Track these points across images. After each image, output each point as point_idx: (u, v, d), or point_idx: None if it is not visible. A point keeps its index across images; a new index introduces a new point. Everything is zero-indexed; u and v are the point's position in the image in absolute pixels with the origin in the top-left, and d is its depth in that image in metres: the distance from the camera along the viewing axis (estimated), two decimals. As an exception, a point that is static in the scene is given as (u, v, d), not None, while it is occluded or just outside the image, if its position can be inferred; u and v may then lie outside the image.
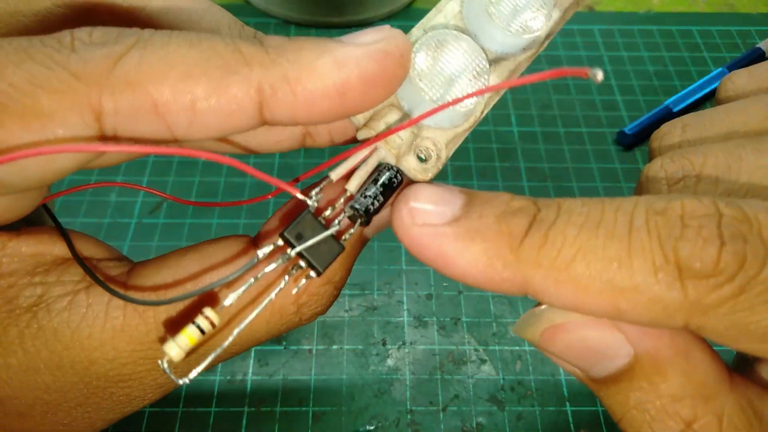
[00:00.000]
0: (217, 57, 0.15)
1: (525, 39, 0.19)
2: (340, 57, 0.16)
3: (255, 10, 0.58)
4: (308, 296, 0.18)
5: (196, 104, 0.15)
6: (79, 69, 0.14)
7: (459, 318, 0.40)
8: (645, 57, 0.57)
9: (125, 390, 0.18)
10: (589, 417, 0.36)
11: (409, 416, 0.36)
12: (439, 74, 0.18)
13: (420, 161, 0.18)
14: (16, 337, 0.17)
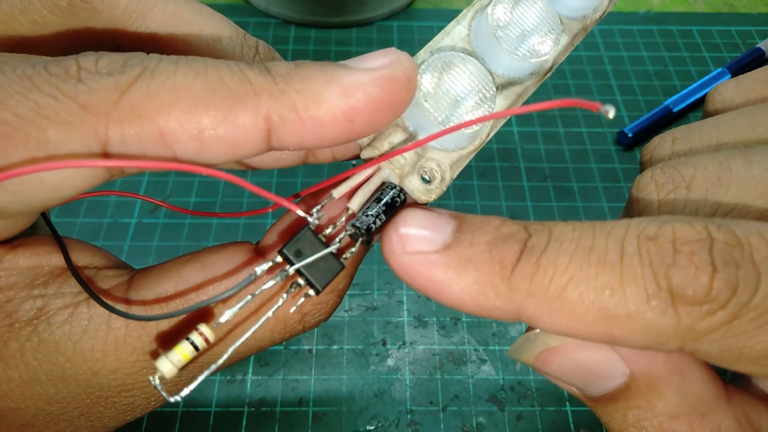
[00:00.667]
0: (224, 87, 0.15)
1: (532, 63, 0.19)
2: (347, 85, 0.16)
3: (255, 10, 0.58)
4: (312, 305, 0.18)
5: (204, 134, 0.15)
6: (86, 100, 0.14)
7: (459, 318, 0.40)
8: (645, 57, 0.56)
9: (128, 399, 0.18)
10: (589, 417, 0.36)
11: (409, 416, 0.36)
12: (445, 96, 0.18)
13: (424, 182, 0.18)
14: (17, 350, 0.17)
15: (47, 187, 0.15)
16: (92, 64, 0.15)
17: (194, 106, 0.15)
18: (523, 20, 0.19)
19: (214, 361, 0.17)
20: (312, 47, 0.56)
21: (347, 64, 0.16)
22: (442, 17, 0.60)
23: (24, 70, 0.15)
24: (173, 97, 0.15)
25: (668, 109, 0.50)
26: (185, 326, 0.18)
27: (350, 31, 0.57)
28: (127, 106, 0.14)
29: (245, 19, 0.56)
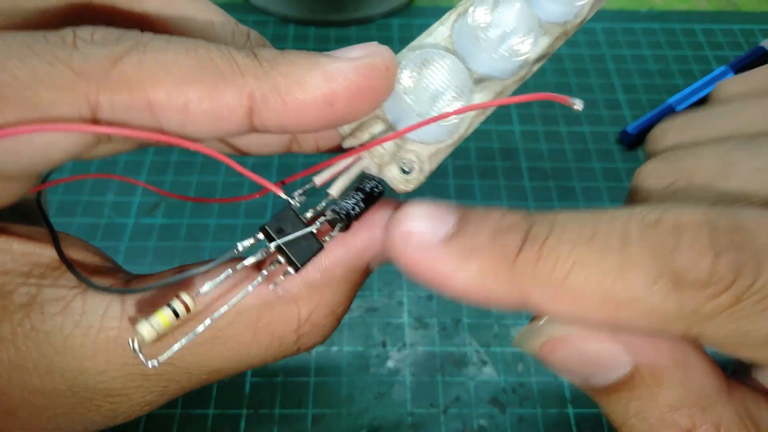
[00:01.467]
0: (212, 65, 0.16)
1: (513, 62, 0.19)
2: (329, 70, 0.16)
3: (254, 8, 0.58)
4: (310, 326, 0.18)
5: (189, 106, 0.16)
6: (79, 66, 0.15)
7: (460, 319, 0.39)
8: (647, 55, 0.56)
9: (112, 405, 0.18)
10: (591, 419, 0.35)
11: (409, 418, 0.35)
12: (424, 90, 0.19)
13: (403, 173, 0.19)
14: (8, 332, 0.17)
15: (36, 148, 0.15)
16: (88, 35, 0.16)
17: (182, 80, 0.16)
18: (502, 22, 0.19)
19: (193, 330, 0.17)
20: (311, 45, 0.55)
21: (331, 54, 0.17)
22: (442, 15, 0.59)
23: (23, 39, 0.15)
24: (163, 70, 0.16)
25: (671, 108, 0.50)
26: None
27: (349, 29, 0.57)
28: (118, 75, 0.15)
29: (244, 17, 0.56)
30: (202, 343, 0.18)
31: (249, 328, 0.18)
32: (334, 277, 0.18)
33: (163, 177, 0.45)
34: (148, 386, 0.18)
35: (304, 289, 0.18)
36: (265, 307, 0.18)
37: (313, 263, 0.18)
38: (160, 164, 0.46)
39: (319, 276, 0.18)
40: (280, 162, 0.47)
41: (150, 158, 0.46)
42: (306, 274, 0.18)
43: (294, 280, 0.18)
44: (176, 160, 0.46)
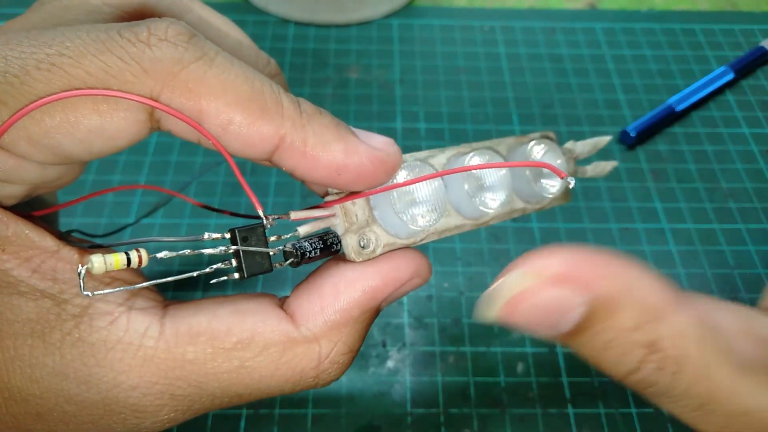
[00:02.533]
0: (262, 99, 0.18)
1: (479, 211, 0.23)
2: (350, 148, 0.19)
3: (254, 9, 0.58)
4: (329, 363, 0.20)
5: (230, 126, 0.18)
6: (150, 66, 0.17)
7: (460, 319, 0.39)
8: (647, 55, 0.56)
9: (138, 420, 0.19)
10: (592, 419, 0.35)
11: (409, 418, 0.35)
12: (409, 194, 0.22)
13: (359, 245, 0.21)
14: (58, 340, 0.18)
15: (107, 136, 0.18)
16: (162, 32, 0.18)
17: (234, 103, 0.18)
18: (486, 179, 0.23)
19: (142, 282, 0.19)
20: (311, 45, 0.55)
21: (356, 132, 0.20)
22: (443, 15, 0.59)
23: (98, 35, 0.17)
24: (222, 89, 0.18)
25: (671, 108, 0.50)
26: None
27: (350, 30, 0.57)
28: (182, 80, 0.17)
29: (244, 17, 0.56)
30: (228, 371, 0.19)
31: (272, 363, 0.19)
32: (351, 318, 0.20)
33: (164, 177, 0.45)
34: (174, 405, 0.19)
35: (325, 328, 0.20)
36: (288, 344, 0.19)
37: (333, 306, 0.20)
38: (160, 164, 0.46)
39: (339, 317, 0.20)
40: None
41: (150, 159, 0.46)
42: (327, 315, 0.20)
43: (316, 320, 0.20)
44: (176, 160, 0.46)
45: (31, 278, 0.18)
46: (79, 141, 0.17)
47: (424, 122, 0.50)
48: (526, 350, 0.38)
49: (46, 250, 0.18)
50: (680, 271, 0.42)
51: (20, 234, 0.18)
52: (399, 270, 0.21)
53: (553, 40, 0.57)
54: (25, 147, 0.17)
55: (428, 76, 0.53)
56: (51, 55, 0.17)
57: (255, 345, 0.19)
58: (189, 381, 0.19)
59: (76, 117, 0.17)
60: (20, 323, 0.18)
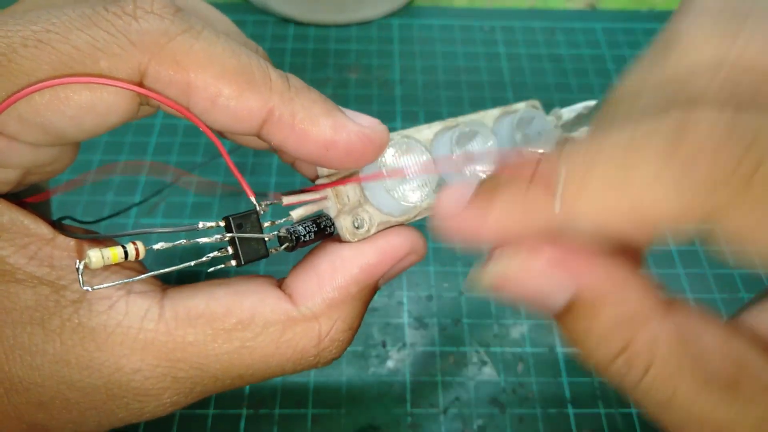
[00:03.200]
0: (250, 72, 0.18)
1: (466, 176, 0.23)
2: (339, 124, 0.19)
3: (254, 8, 0.58)
4: (329, 341, 0.20)
5: (218, 99, 0.18)
6: (137, 38, 0.17)
7: (460, 319, 0.39)
8: (647, 55, 0.56)
9: (140, 404, 0.19)
10: (592, 419, 0.35)
11: (409, 419, 0.35)
12: (398, 171, 0.22)
13: (353, 225, 0.21)
14: (57, 326, 0.18)
15: (98, 113, 0.17)
16: (148, 5, 0.18)
17: (221, 75, 0.18)
18: (474, 149, 0.24)
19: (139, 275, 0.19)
20: (311, 45, 0.55)
21: (344, 111, 0.20)
22: (442, 15, 0.59)
23: (83, 11, 0.17)
24: (208, 60, 0.18)
25: (671, 108, 0.50)
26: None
27: (350, 29, 0.57)
28: (169, 52, 0.17)
29: (244, 17, 0.56)
30: (229, 352, 0.19)
31: (273, 342, 0.19)
32: (349, 295, 0.20)
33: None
34: (176, 388, 0.19)
35: (324, 306, 0.20)
36: (288, 323, 0.19)
37: (331, 283, 0.20)
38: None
39: (337, 294, 0.20)
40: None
41: (150, 159, 0.46)
42: (325, 293, 0.20)
43: (315, 298, 0.20)
44: (176, 160, 0.46)
45: (28, 265, 0.18)
46: (70, 118, 0.17)
47: (425, 122, 0.50)
48: (527, 350, 0.38)
49: (41, 238, 0.18)
50: (680, 271, 0.42)
51: (16, 221, 0.18)
52: (395, 246, 0.21)
53: (553, 41, 0.57)
54: (16, 126, 0.17)
55: (428, 76, 0.54)
56: (37, 32, 0.16)
57: (255, 325, 0.19)
58: (190, 363, 0.19)
59: (66, 94, 0.17)
60: (18, 311, 0.18)
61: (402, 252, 0.21)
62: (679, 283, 0.41)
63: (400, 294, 0.40)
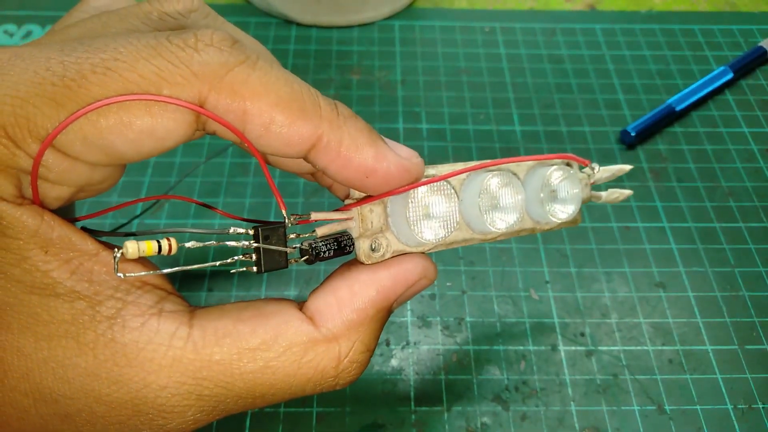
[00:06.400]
0: (302, 101, 0.19)
1: (487, 228, 0.24)
2: (380, 154, 0.21)
3: (256, 10, 0.58)
4: (349, 362, 0.21)
5: (272, 126, 0.19)
6: (198, 69, 0.18)
7: (463, 318, 0.39)
8: (647, 56, 0.56)
9: (164, 420, 0.19)
10: (594, 417, 0.36)
11: (413, 416, 0.35)
12: (424, 207, 0.23)
13: (371, 249, 0.23)
14: (91, 340, 0.18)
15: (157, 137, 0.18)
16: (208, 38, 0.19)
17: (276, 104, 0.19)
18: (501, 200, 0.24)
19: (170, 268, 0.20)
20: (313, 47, 0.56)
21: (386, 141, 0.21)
22: (443, 16, 0.59)
23: (148, 41, 0.18)
24: (264, 89, 0.19)
25: (671, 108, 0.50)
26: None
27: (352, 31, 0.57)
28: (228, 82, 0.18)
29: (246, 18, 0.56)
30: (253, 371, 0.19)
31: (295, 362, 0.20)
32: (367, 317, 0.21)
33: (168, 178, 0.45)
34: (200, 406, 0.19)
35: (343, 328, 0.21)
36: (310, 344, 0.20)
37: (350, 306, 0.21)
38: (165, 165, 0.46)
39: (356, 316, 0.21)
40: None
41: (153, 160, 0.47)
42: (345, 315, 0.21)
43: (335, 320, 0.21)
44: (180, 161, 0.47)
45: (69, 280, 0.18)
46: (131, 141, 0.18)
47: (426, 123, 0.50)
48: (530, 348, 0.38)
49: (85, 253, 0.19)
50: (681, 270, 0.42)
51: (64, 237, 0.19)
52: (407, 271, 0.22)
53: (554, 41, 0.57)
54: (79, 148, 0.18)
55: (430, 77, 0.54)
56: (106, 60, 0.17)
57: (278, 345, 0.20)
58: (216, 381, 0.19)
59: (129, 118, 0.18)
60: (55, 324, 0.18)
61: (414, 277, 0.22)
62: (680, 282, 0.42)
63: (404, 293, 0.41)
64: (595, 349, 0.38)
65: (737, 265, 0.43)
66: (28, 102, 0.17)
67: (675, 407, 0.36)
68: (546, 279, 0.42)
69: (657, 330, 0.39)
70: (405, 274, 0.22)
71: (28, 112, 0.17)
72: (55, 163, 0.18)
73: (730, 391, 0.37)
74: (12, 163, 0.18)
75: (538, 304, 0.40)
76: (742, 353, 0.38)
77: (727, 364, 0.38)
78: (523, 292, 0.41)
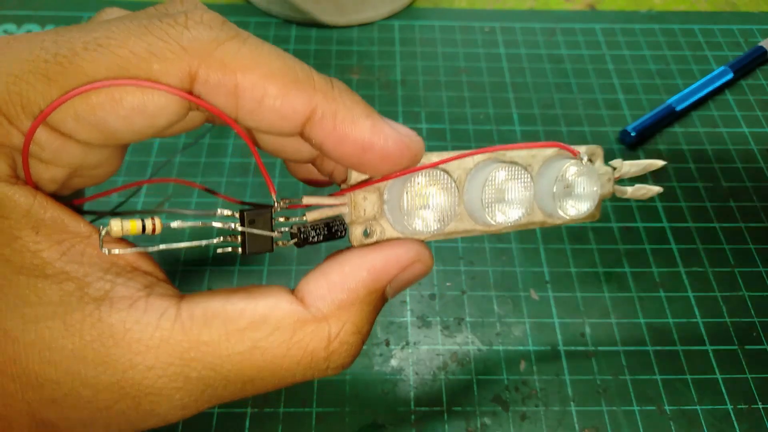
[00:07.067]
0: (295, 73, 0.19)
1: (489, 220, 0.24)
2: (378, 126, 0.20)
3: (256, 10, 0.58)
4: (339, 344, 0.20)
5: (264, 99, 0.19)
6: (188, 44, 0.18)
7: (463, 318, 0.39)
8: (647, 56, 0.56)
9: (151, 405, 0.19)
10: (594, 417, 0.36)
11: (413, 417, 0.35)
12: (422, 197, 0.22)
13: (364, 234, 0.23)
14: (78, 321, 0.18)
15: (148, 114, 0.18)
16: (198, 17, 0.19)
17: (267, 75, 0.19)
18: (507, 194, 0.24)
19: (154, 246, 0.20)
20: (313, 47, 0.56)
21: (385, 119, 0.21)
22: (443, 16, 0.59)
23: (141, 21, 0.19)
24: (255, 62, 0.19)
25: (671, 108, 0.50)
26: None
27: (351, 31, 0.57)
28: (218, 56, 0.18)
29: (246, 18, 0.56)
30: (241, 352, 0.19)
31: (284, 343, 0.20)
32: (358, 298, 0.21)
33: (168, 176, 0.45)
34: (188, 389, 0.19)
35: (333, 308, 0.20)
36: (299, 324, 0.20)
37: (340, 286, 0.21)
38: (166, 166, 0.46)
39: (346, 296, 0.21)
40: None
41: (153, 159, 0.47)
42: (334, 295, 0.21)
43: (324, 300, 0.20)
44: (180, 160, 0.47)
45: (59, 261, 0.18)
46: (123, 118, 0.18)
47: (426, 123, 0.50)
48: (529, 348, 0.38)
49: (78, 235, 0.19)
50: (681, 270, 0.42)
51: (57, 219, 0.19)
52: (400, 254, 0.22)
53: (553, 41, 0.57)
54: (72, 124, 0.18)
55: (429, 77, 0.54)
56: (97, 38, 0.18)
57: (267, 325, 0.19)
58: (203, 363, 0.19)
59: (120, 94, 0.18)
60: (43, 306, 0.18)
61: (407, 260, 0.22)
62: (681, 281, 0.42)
63: (404, 293, 0.41)
64: (595, 349, 0.38)
65: (737, 265, 0.43)
66: (21, 79, 0.17)
67: (675, 407, 0.36)
68: (546, 279, 0.42)
69: (657, 330, 0.39)
70: (397, 257, 0.22)
71: (21, 88, 0.17)
72: (47, 141, 0.18)
73: (730, 391, 0.37)
74: (5, 141, 0.18)
75: (538, 304, 0.40)
76: (742, 353, 0.38)
77: (727, 364, 0.38)
78: (523, 292, 0.41)
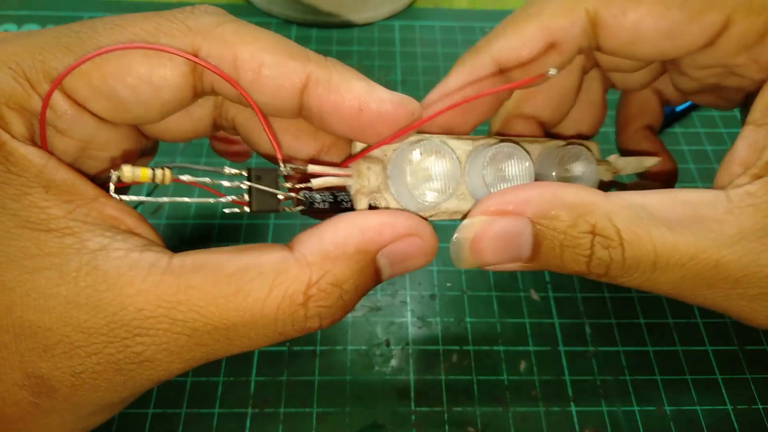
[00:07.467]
0: (289, 47, 0.21)
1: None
2: (372, 87, 0.21)
3: (256, 10, 0.58)
4: (317, 290, 0.21)
5: (262, 69, 0.21)
6: (193, 24, 0.21)
7: (463, 318, 0.40)
8: (647, 56, 0.56)
9: (139, 347, 0.20)
10: (594, 417, 0.36)
11: (413, 417, 0.35)
12: (424, 170, 0.23)
13: (369, 207, 0.23)
14: (74, 269, 0.19)
15: (153, 84, 0.20)
16: (203, 8, 0.22)
17: (263, 48, 0.21)
18: (507, 170, 0.24)
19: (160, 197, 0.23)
20: (313, 47, 0.56)
21: (377, 84, 0.22)
22: (443, 16, 0.59)
23: (154, 12, 0.21)
24: (252, 38, 0.21)
25: (671, 108, 0.50)
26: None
27: (352, 31, 0.57)
28: (219, 33, 0.21)
29: (246, 18, 0.56)
30: (226, 296, 0.20)
31: (266, 284, 0.20)
32: (345, 253, 0.21)
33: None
34: (174, 331, 0.20)
35: (318, 256, 0.21)
36: (282, 266, 0.20)
37: (329, 238, 0.21)
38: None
39: (333, 248, 0.21)
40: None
41: (153, 160, 0.47)
42: (322, 245, 0.21)
43: (311, 249, 0.21)
44: (181, 161, 0.47)
45: (64, 218, 0.20)
46: (130, 87, 0.20)
47: (426, 123, 0.50)
48: (529, 349, 0.38)
49: (85, 197, 0.20)
50: (681, 270, 0.42)
51: (66, 180, 0.20)
52: (397, 221, 0.22)
53: (554, 41, 0.57)
54: (85, 92, 0.20)
55: (430, 77, 0.54)
56: (115, 20, 0.21)
57: (253, 270, 0.20)
58: (190, 306, 0.19)
59: (129, 64, 0.20)
60: (41, 257, 0.19)
61: (403, 227, 0.22)
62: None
63: (404, 293, 0.41)
64: (595, 349, 0.38)
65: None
66: (45, 49, 0.20)
67: (675, 407, 0.36)
68: (546, 279, 0.42)
69: (657, 330, 0.39)
70: (394, 225, 0.22)
71: (44, 56, 0.20)
72: (63, 107, 0.20)
73: (730, 391, 0.37)
74: (27, 104, 0.20)
75: (538, 304, 0.40)
76: (742, 353, 0.38)
77: (727, 364, 0.38)
78: (523, 292, 0.41)
